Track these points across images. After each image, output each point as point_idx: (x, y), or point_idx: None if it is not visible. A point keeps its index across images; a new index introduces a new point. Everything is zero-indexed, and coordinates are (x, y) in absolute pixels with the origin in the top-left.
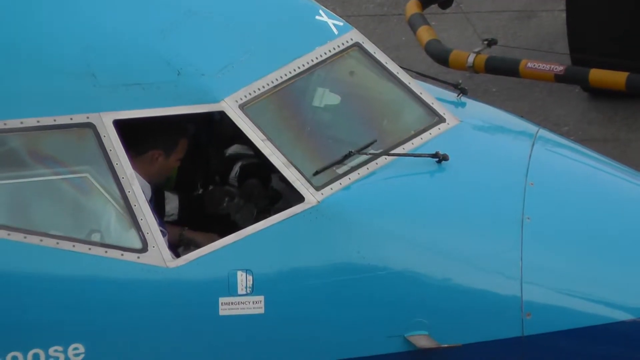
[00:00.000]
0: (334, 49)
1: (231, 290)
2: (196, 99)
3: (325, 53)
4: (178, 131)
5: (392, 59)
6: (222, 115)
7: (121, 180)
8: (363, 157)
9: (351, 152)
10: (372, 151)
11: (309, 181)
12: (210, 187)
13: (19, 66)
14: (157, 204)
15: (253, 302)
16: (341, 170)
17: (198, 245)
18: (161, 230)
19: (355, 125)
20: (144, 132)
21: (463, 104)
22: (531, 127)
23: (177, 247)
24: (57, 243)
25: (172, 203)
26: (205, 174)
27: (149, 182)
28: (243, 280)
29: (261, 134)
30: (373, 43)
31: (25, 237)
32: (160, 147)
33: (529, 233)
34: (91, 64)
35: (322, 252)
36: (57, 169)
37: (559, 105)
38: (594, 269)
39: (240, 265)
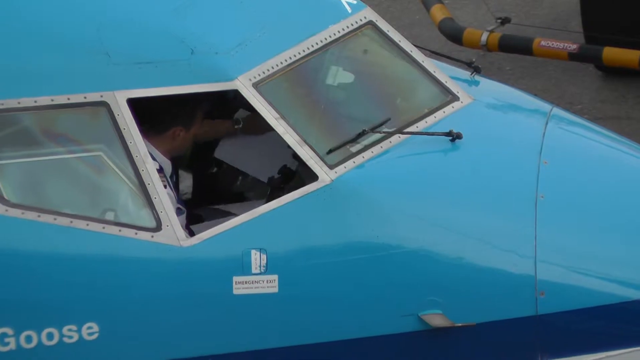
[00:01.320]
0: (348, 27)
1: (245, 269)
2: (210, 77)
3: (339, 31)
4: (195, 104)
5: (406, 37)
6: (236, 93)
7: (135, 158)
8: (377, 136)
9: (365, 130)
10: (385, 129)
11: (322, 159)
12: (224, 166)
13: (33, 45)
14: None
15: (267, 281)
16: (355, 148)
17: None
18: (179, 208)
19: (369, 104)
20: (162, 110)
21: (476, 83)
22: (545, 106)
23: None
24: (71, 222)
25: (186, 181)
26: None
27: (170, 158)
28: (257, 259)
29: (275, 112)
30: (387, 21)
31: (39, 216)
32: (181, 123)
33: (542, 211)
34: (105, 43)
35: (335, 231)
36: (71, 147)
37: (572, 84)
38: (608, 247)
39: (254, 244)
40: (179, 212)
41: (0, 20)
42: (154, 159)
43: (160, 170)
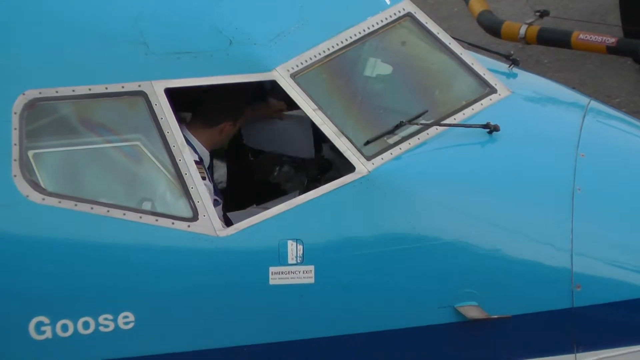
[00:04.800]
0: (386, 18)
1: (281, 260)
2: (248, 68)
3: (378, 23)
4: (244, 100)
5: (444, 30)
6: (273, 84)
7: (172, 148)
8: (414, 127)
9: (402, 122)
10: (423, 121)
11: (359, 151)
12: (261, 156)
13: (71, 35)
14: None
15: (303, 272)
16: (392, 140)
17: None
18: (216, 199)
19: (407, 96)
20: (213, 104)
21: (514, 75)
22: (583, 99)
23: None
24: (108, 211)
25: (220, 171)
26: None
27: (209, 149)
28: (293, 249)
29: (312, 103)
30: (425, 13)
31: (76, 205)
32: (231, 118)
33: (579, 204)
34: (143, 33)
35: (372, 222)
36: (109, 136)
37: (610, 77)
38: None
39: (290, 235)
40: (215, 203)
41: (40, 10)
42: (195, 150)
43: (200, 162)
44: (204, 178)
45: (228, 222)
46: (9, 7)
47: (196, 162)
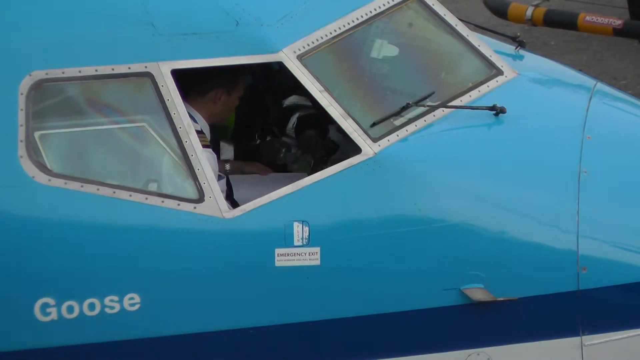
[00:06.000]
0: (393, 0)
1: (287, 241)
2: (254, 49)
3: (384, 4)
4: (238, 68)
5: (451, 11)
6: (280, 65)
7: (178, 130)
8: (420, 109)
9: (409, 103)
10: (429, 103)
11: (366, 132)
12: (268, 138)
13: (77, 14)
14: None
15: (309, 254)
16: (398, 122)
17: (246, 172)
18: (219, 175)
19: (413, 77)
20: (204, 72)
21: (521, 57)
22: (589, 81)
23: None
24: (114, 192)
25: (227, 153)
26: (262, 125)
27: (210, 122)
28: (299, 231)
29: (319, 85)
30: None
31: (82, 186)
32: (223, 86)
33: (585, 186)
34: (150, 13)
35: (378, 204)
36: (115, 118)
37: (617, 59)
38: None
39: (296, 216)
40: (218, 177)
41: None
42: (195, 121)
43: (201, 132)
44: (207, 146)
45: (234, 203)
46: None
47: (198, 132)
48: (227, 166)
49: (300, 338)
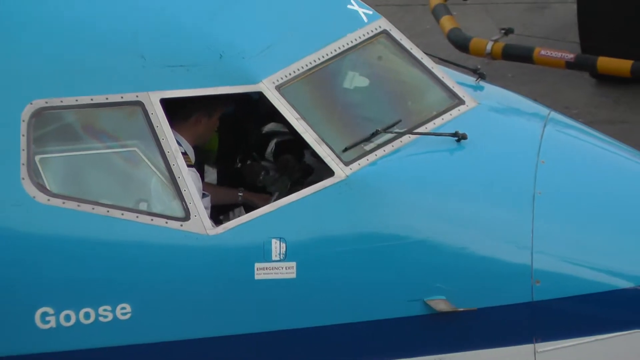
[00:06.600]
0: (364, 35)
1: (266, 257)
2: (236, 80)
3: (356, 39)
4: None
5: (417, 46)
6: (260, 95)
7: (167, 154)
8: (389, 136)
9: (378, 130)
10: (397, 130)
11: (338, 157)
12: (248, 162)
13: (75, 48)
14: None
15: (286, 268)
16: (368, 147)
17: (255, 206)
18: (204, 193)
19: (382, 106)
20: (185, 100)
21: (481, 88)
22: (543, 110)
23: (234, 207)
24: (108, 211)
25: (211, 176)
26: (243, 150)
27: (194, 144)
28: (277, 247)
29: (295, 113)
30: (399, 30)
31: (78, 206)
32: (203, 110)
33: (540, 206)
34: (140, 47)
35: (349, 222)
36: (108, 143)
37: (569, 90)
38: (599, 240)
39: (274, 234)
40: (203, 195)
41: (47, 26)
42: (179, 144)
43: (185, 153)
44: (191, 166)
45: (216, 220)
46: (18, 25)
47: (182, 153)
48: (241, 195)
49: (277, 345)
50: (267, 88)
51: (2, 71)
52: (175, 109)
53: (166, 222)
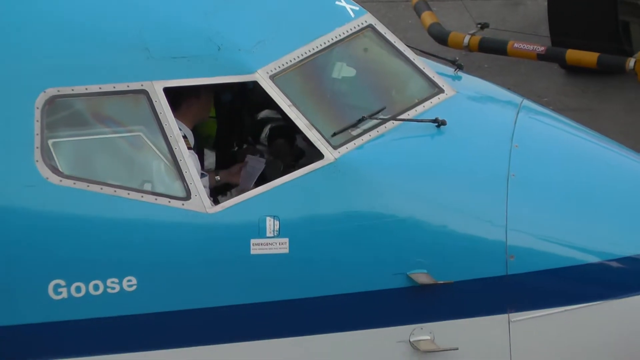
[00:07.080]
0: (351, 29)
1: (261, 233)
2: (233, 71)
3: (343, 33)
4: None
5: (400, 39)
6: (255, 84)
7: (169, 138)
8: (374, 121)
9: (364, 117)
10: (381, 116)
11: (327, 141)
12: (244, 146)
13: (85, 41)
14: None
15: (279, 243)
16: (355, 132)
17: (232, 184)
18: (202, 173)
19: (368, 94)
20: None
21: (459, 78)
22: (516, 98)
23: (232, 187)
24: (115, 191)
25: (210, 159)
26: (239, 135)
27: (191, 126)
28: (271, 224)
29: (288, 100)
30: (384, 25)
31: (88, 186)
32: (188, 93)
33: (513, 187)
34: (145, 40)
35: (338, 202)
36: (115, 128)
37: (540, 80)
38: (569, 218)
39: (268, 212)
40: (201, 175)
41: (60, 21)
42: (179, 129)
43: (184, 137)
44: (190, 149)
45: (215, 200)
46: (35, 21)
47: (183, 137)
48: (218, 178)
49: (271, 315)
50: (262, 78)
51: (18, 62)
52: (170, 100)
53: (169, 202)
